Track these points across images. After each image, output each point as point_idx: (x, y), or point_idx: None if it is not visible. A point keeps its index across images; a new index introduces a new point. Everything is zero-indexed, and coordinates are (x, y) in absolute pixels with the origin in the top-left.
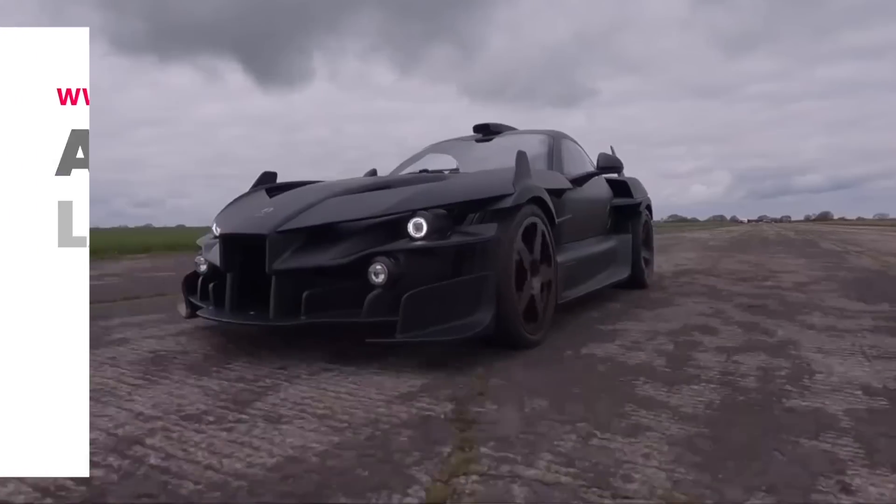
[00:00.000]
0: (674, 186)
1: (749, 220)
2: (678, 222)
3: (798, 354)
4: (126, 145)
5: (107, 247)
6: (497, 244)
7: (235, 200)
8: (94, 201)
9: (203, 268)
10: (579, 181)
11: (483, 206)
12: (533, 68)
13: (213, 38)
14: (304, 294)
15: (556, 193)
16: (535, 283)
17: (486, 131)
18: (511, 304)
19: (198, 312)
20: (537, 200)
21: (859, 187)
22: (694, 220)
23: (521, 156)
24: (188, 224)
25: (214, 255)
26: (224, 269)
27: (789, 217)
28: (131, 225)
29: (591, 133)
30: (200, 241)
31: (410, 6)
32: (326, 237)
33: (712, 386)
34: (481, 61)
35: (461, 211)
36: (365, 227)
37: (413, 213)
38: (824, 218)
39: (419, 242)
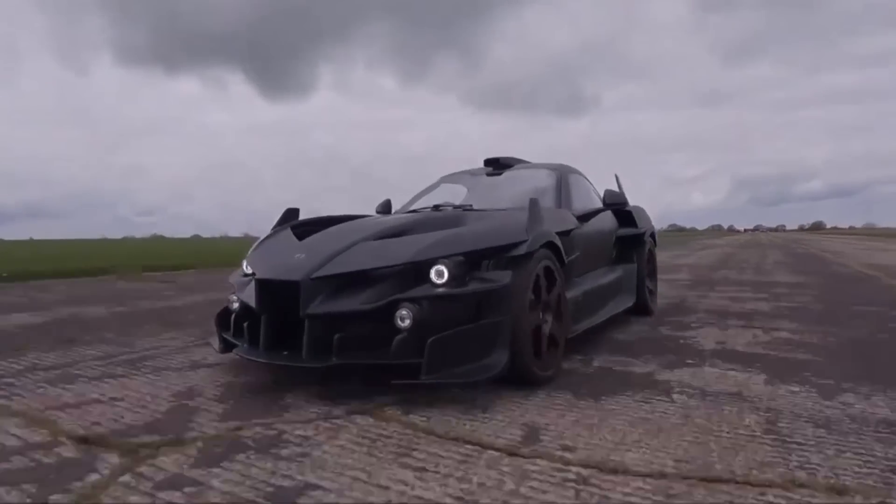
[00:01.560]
0: (676, 193)
1: (746, 230)
2: (677, 232)
3: (765, 251)
4: (132, 153)
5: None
6: (512, 290)
7: (264, 241)
8: (101, 206)
9: (235, 306)
10: (586, 217)
11: (499, 253)
12: (538, 76)
13: (219, 49)
14: (336, 337)
15: (565, 233)
16: (547, 323)
17: (496, 165)
18: (524, 345)
19: (234, 351)
20: (549, 245)
21: (863, 193)
22: (693, 230)
23: (533, 203)
24: (203, 234)
25: (249, 296)
26: (259, 312)
27: (784, 226)
28: (138, 235)
29: (596, 137)
30: (232, 280)
31: (417, 15)
32: (355, 283)
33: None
34: (486, 70)
35: (478, 258)
36: (391, 274)
37: (434, 261)
38: (818, 228)
39: (441, 290)
